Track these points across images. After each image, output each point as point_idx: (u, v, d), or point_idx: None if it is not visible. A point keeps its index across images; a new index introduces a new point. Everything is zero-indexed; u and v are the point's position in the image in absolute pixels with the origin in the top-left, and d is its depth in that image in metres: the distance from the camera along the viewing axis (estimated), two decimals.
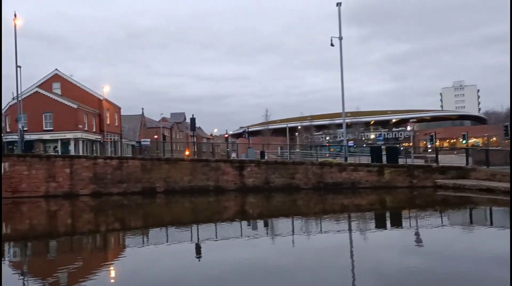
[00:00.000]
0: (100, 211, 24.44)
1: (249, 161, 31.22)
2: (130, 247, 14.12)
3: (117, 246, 14.91)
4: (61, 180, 29.81)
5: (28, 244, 15.62)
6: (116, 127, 60.31)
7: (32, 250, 14.62)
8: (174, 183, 29.91)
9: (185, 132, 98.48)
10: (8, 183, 29.70)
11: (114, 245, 15.24)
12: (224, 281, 9.02)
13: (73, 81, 53.79)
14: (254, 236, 15.37)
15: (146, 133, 73.19)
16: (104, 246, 15.18)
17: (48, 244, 15.37)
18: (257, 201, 26.99)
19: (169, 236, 15.55)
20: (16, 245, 15.47)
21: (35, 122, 46.26)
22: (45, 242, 15.85)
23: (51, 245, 15.26)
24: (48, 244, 15.44)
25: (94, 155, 33.55)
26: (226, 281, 9.03)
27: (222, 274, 9.45)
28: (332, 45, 32.64)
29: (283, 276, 9.33)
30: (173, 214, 22.77)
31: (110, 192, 29.70)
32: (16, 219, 22.53)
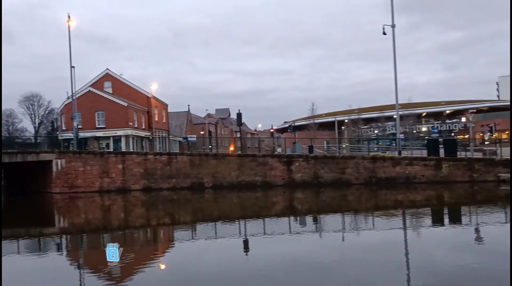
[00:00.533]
0: (151, 206, 25.11)
1: (297, 156, 30.77)
2: (179, 241, 14.53)
3: (167, 240, 15.31)
4: (114, 176, 30.84)
5: (83, 237, 16.38)
6: (164, 124, 61.76)
7: (87, 243, 15.34)
8: (222, 178, 30.07)
9: (230, 128, 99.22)
10: (65, 179, 31.14)
11: (164, 239, 15.65)
12: (269, 276, 9.06)
13: (123, 79, 55.59)
14: (301, 231, 15.27)
15: (192, 129, 74.47)
16: (155, 239, 15.63)
17: (102, 237, 16.03)
18: (305, 196, 26.54)
19: (217, 231, 15.75)
20: (73, 238, 16.34)
21: (88, 120, 48.27)
22: (100, 235, 16.57)
23: (105, 238, 15.88)
24: (103, 237, 16.10)
25: (144, 151, 34.42)
26: (271, 276, 9.06)
27: (267, 269, 9.50)
28: (384, 34, 31.27)
29: (328, 272, 9.26)
30: (221, 209, 23.01)
31: (160, 187, 30.37)
32: (73, 213, 23.77)
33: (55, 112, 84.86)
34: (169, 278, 9.45)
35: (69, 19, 35.15)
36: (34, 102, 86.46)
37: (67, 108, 50.82)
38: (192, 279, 8.96)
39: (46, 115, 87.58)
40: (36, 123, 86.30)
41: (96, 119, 49.74)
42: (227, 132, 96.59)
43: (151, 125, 55.72)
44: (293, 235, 14.37)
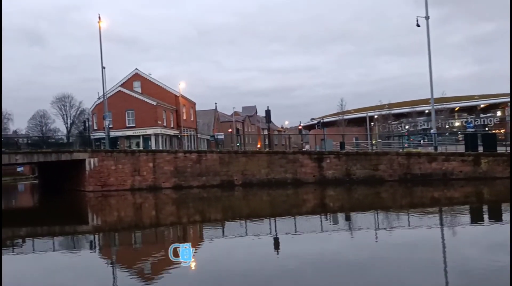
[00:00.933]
0: (181, 203, 25.44)
1: (328, 153, 30.27)
2: (209, 239, 14.54)
3: (197, 237, 15.38)
4: (145, 174, 31.24)
5: (116, 234, 16.75)
6: (192, 122, 62.29)
7: (119, 240, 15.61)
8: (251, 176, 29.98)
9: (257, 125, 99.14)
10: (97, 177, 31.78)
11: (194, 236, 15.72)
12: (296, 274, 9.04)
13: (152, 79, 56.39)
14: (332, 230, 15.13)
15: (220, 127, 74.82)
16: (185, 237, 15.69)
17: (134, 235, 16.36)
18: (337, 194, 26.12)
19: (247, 229, 15.73)
20: (105, 235, 16.73)
21: (119, 119, 49.22)
22: (132, 233, 16.88)
23: (137, 235, 16.22)
24: (134, 234, 16.43)
25: (174, 149, 34.71)
26: (298, 274, 9.03)
27: (295, 267, 9.51)
28: (418, 26, 30.35)
29: (357, 270, 9.18)
30: (251, 207, 23.01)
31: (190, 185, 30.55)
32: (106, 211, 24.33)
33: (86, 112, 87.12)
34: (198, 276, 9.49)
35: (100, 20, 35.82)
36: (66, 103, 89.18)
37: (98, 108, 52.01)
38: (220, 276, 9.01)
39: (78, 115, 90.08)
40: (68, 124, 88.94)
41: (126, 119, 50.67)
42: (254, 130, 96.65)
43: (180, 123, 56.29)
44: (324, 233, 14.25)
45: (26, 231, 18.20)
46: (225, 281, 8.72)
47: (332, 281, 8.61)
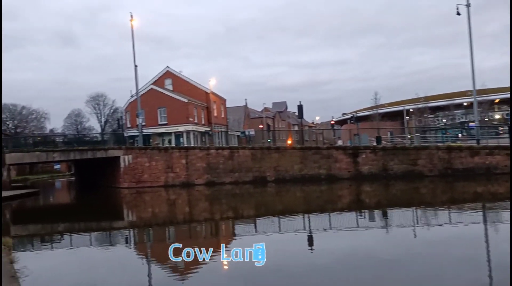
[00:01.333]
0: (214, 200, 25.60)
1: (364, 148, 29.61)
2: (241, 235, 14.51)
3: (230, 233, 15.42)
4: (178, 171, 31.50)
5: (150, 230, 16.90)
6: (222, 119, 62.51)
7: (154, 236, 15.75)
8: (284, 172, 29.69)
9: (287, 121, 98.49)
10: (132, 174, 32.31)
11: (227, 232, 15.77)
12: (329, 270, 8.99)
13: (182, 76, 56.95)
14: (369, 226, 14.73)
15: (250, 124, 74.78)
16: (218, 233, 15.79)
17: (168, 231, 16.52)
18: (373, 190, 25.47)
19: (280, 225, 15.61)
20: (140, 231, 16.89)
21: (151, 117, 49.97)
22: (166, 229, 17.05)
23: (171, 231, 16.39)
24: (168, 230, 16.59)
25: (206, 146, 34.81)
26: (331, 270, 8.99)
27: (328, 263, 9.48)
28: (458, 14, 29.03)
29: (390, 267, 9.01)
30: (284, 203, 22.82)
31: (223, 181, 30.59)
32: (141, 207, 24.68)
33: (119, 110, 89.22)
34: (229, 272, 9.49)
35: (132, 18, 36.31)
36: (100, 101, 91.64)
37: (131, 106, 52.98)
38: (251, 272, 8.94)
39: (111, 114, 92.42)
40: (102, 122, 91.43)
41: (158, 116, 51.39)
42: (285, 126, 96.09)
43: (210, 120, 56.59)
44: (359, 229, 13.94)
45: (64, 227, 18.80)
46: (256, 277, 8.68)
47: (362, 278, 8.42)
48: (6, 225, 18.32)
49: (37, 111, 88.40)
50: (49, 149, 34.33)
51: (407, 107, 65.40)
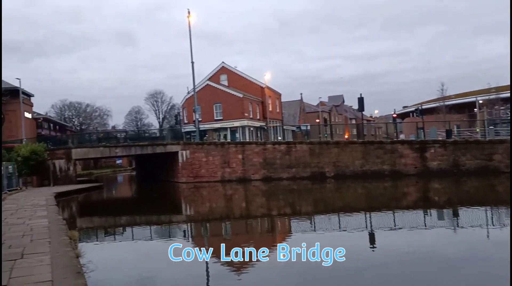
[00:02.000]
0: (271, 195, 25.44)
1: (432, 142, 27.78)
2: (298, 232, 14.18)
3: (286, 230, 15.15)
4: (234, 166, 31.52)
5: (208, 224, 17.05)
6: (278, 114, 62.11)
7: (211, 231, 15.83)
8: (344, 168, 28.72)
9: (344, 115, 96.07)
10: (190, 169, 32.81)
11: (283, 229, 15.50)
12: (384, 269, 8.71)
13: (238, 71, 57.20)
14: (436, 225, 13.76)
15: (305, 118, 73.66)
16: (274, 229, 15.58)
17: (225, 226, 16.60)
18: (443, 187, 23.94)
19: (340, 222, 15.16)
20: (197, 225, 17.03)
21: (207, 112, 50.67)
22: (223, 223, 17.14)
23: (228, 226, 16.45)
24: (226, 225, 16.69)
25: (263, 141, 34.52)
26: (386, 270, 8.71)
27: (385, 263, 9.22)
28: None
29: (452, 268, 8.48)
30: (344, 200, 22.19)
31: (280, 177, 30.22)
32: (198, 202, 25.04)
33: (176, 107, 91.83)
34: (285, 269, 9.33)
35: (189, 15, 36.80)
36: (158, 98, 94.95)
37: (188, 102, 54.09)
38: (307, 269, 8.91)
39: (169, 110, 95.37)
40: (160, 118, 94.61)
41: (214, 111, 52.03)
42: (341, 120, 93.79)
43: (266, 115, 56.41)
44: (424, 229, 13.16)
45: (126, 220, 19.45)
46: (312, 275, 8.57)
47: (420, 278, 8.08)
48: (72, 218, 19.18)
49: (100, 108, 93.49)
50: (112, 145, 35.80)
51: (481, 98, 60.87)
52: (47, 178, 33.71)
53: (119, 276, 9.10)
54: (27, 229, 11.46)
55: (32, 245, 9.03)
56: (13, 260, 7.59)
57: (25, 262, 7.38)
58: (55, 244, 9.03)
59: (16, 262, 7.44)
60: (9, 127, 48.01)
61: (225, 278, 8.67)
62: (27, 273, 6.64)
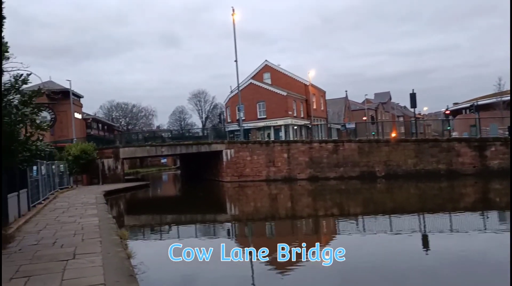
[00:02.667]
0: (317, 195, 24.80)
1: (493, 139, 25.80)
2: (347, 233, 13.73)
3: (333, 231, 14.67)
4: (279, 165, 31.03)
5: (252, 224, 16.82)
6: (322, 112, 61.00)
7: (255, 230, 15.59)
8: (396, 167, 27.49)
9: (391, 113, 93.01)
10: (234, 168, 32.65)
11: (330, 230, 15.01)
12: (432, 273, 8.42)
13: (281, 69, 56.67)
14: (495, 229, 12.94)
15: (351, 116, 71.82)
16: (319, 230, 15.13)
17: (270, 226, 16.31)
18: (504, 187, 22.25)
19: (391, 224, 14.46)
20: (242, 225, 16.78)
21: (251, 111, 50.52)
22: (268, 223, 16.82)
23: (273, 226, 16.17)
24: (271, 225, 16.39)
25: (309, 139, 33.80)
26: (434, 273, 8.40)
27: (433, 265, 8.91)
28: None
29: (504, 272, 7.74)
30: (396, 200, 21.15)
31: (327, 176, 29.44)
32: (243, 201, 24.74)
33: (219, 106, 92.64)
34: (330, 269, 9.17)
35: (234, 12, 36.72)
36: (201, 98, 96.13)
37: (231, 101, 54.18)
38: (352, 270, 8.85)
39: (211, 109, 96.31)
40: (203, 118, 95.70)
41: (257, 110, 51.74)
42: (388, 117, 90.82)
43: (310, 113, 55.50)
44: (483, 232, 12.34)
45: (172, 218, 19.59)
46: (357, 276, 8.50)
47: (468, 283, 7.84)
48: (120, 216, 19.44)
49: (146, 109, 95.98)
50: (158, 144, 36.36)
51: None
52: (96, 176, 34.76)
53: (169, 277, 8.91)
54: (78, 227, 11.54)
55: (83, 244, 8.97)
56: (65, 260, 7.50)
57: (76, 263, 7.25)
58: (106, 243, 8.92)
59: (68, 262, 7.33)
60: (60, 127, 50.08)
61: (269, 277, 8.71)
62: (79, 275, 6.47)
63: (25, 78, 8.56)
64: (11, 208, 12.34)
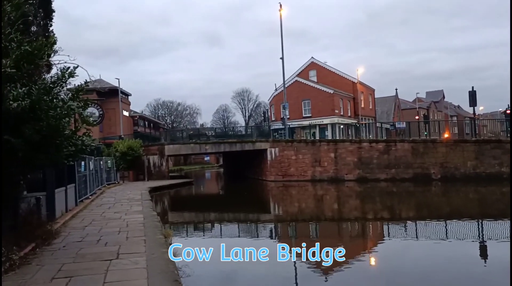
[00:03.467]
0: (366, 197, 23.78)
1: None
2: (394, 238, 13.10)
3: (381, 235, 14.02)
4: (326, 165, 30.17)
5: (296, 225, 16.45)
6: (370, 110, 59.10)
7: (299, 232, 15.23)
8: (453, 169, 25.89)
9: (444, 112, 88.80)
10: (278, 167, 32.09)
11: (377, 233, 14.27)
12: (481, 280, 8.18)
13: (328, 67, 55.46)
14: None
15: (401, 115, 69.17)
16: (366, 234, 14.46)
17: (315, 227, 15.85)
18: None
19: (446, 230, 13.61)
20: (286, 225, 16.37)
21: (295, 109, 49.76)
22: (312, 225, 16.36)
23: (317, 228, 15.71)
24: (316, 227, 15.92)
25: (358, 138, 32.61)
26: (483, 280, 8.16)
27: (482, 272, 8.72)
28: None
29: None
30: (452, 205, 19.83)
31: (377, 178, 28.28)
32: (287, 201, 24.05)
33: (262, 105, 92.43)
34: (373, 273, 9.20)
35: (281, 8, 36.12)
36: (244, 97, 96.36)
37: (275, 99, 53.62)
38: (393, 275, 8.70)
39: (254, 108, 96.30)
40: (246, 116, 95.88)
41: (302, 108, 50.85)
42: (441, 117, 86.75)
43: (357, 111, 53.91)
44: None
45: (215, 216, 19.47)
46: (401, 280, 8.35)
47: None
48: (164, 213, 19.45)
49: (191, 107, 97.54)
50: (202, 142, 36.46)
51: None
52: (142, 173, 35.36)
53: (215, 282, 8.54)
54: (123, 224, 11.39)
55: (127, 243, 8.69)
56: (108, 260, 7.21)
57: (120, 264, 6.93)
58: (150, 243, 8.60)
59: (112, 263, 7.02)
60: (109, 124, 51.69)
61: (312, 279, 8.60)
62: (121, 278, 6.11)
63: (71, 71, 8.39)
64: (59, 203, 12.43)
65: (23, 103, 6.80)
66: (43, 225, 9.33)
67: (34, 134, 7.22)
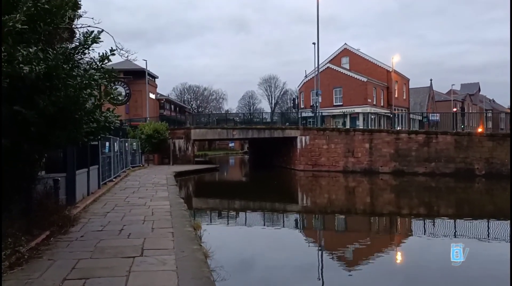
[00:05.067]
0: (402, 192, 22.32)
1: None
2: (428, 235, 12.37)
3: (413, 231, 13.32)
4: (359, 156, 28.69)
5: (324, 217, 15.85)
6: (404, 101, 56.75)
7: (327, 224, 14.75)
8: (500, 165, 24.15)
9: (478, 106, 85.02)
10: (308, 156, 30.83)
11: (410, 230, 13.51)
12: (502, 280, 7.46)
13: (361, 54, 53.32)
14: None
15: (434, 107, 66.33)
16: (396, 229, 13.81)
17: (344, 220, 15.25)
18: None
19: (489, 230, 12.87)
20: (313, 217, 15.74)
21: (326, 97, 48.01)
22: (341, 218, 15.67)
23: (346, 221, 15.10)
24: (345, 220, 15.29)
25: (396, 129, 30.87)
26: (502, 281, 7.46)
27: (496, 272, 8.32)
28: None
29: None
30: (497, 203, 18.41)
31: (415, 171, 26.71)
32: (316, 192, 22.95)
33: (289, 92, 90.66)
34: (397, 269, 9.14)
35: None
36: (271, 84, 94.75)
37: (305, 86, 51.98)
38: (417, 272, 8.59)
39: (281, 95, 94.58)
40: (272, 103, 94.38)
41: (333, 96, 49.08)
42: (476, 111, 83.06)
43: (390, 101, 51.72)
44: None
45: (240, 204, 18.83)
46: (421, 278, 8.23)
47: None
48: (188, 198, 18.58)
49: (217, 92, 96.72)
50: (229, 127, 35.35)
51: None
52: (167, 156, 34.60)
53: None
54: (148, 212, 10.34)
55: (153, 236, 7.58)
56: (131, 257, 6.10)
57: (144, 263, 5.81)
58: (178, 237, 7.48)
59: (135, 261, 5.90)
60: (135, 106, 51.24)
61: (336, 271, 8.61)
62: (146, 283, 4.99)
63: (95, 35, 7.25)
64: (80, 186, 11.49)
65: (37, 68, 5.70)
66: (60, 210, 8.35)
67: (50, 106, 6.14)
